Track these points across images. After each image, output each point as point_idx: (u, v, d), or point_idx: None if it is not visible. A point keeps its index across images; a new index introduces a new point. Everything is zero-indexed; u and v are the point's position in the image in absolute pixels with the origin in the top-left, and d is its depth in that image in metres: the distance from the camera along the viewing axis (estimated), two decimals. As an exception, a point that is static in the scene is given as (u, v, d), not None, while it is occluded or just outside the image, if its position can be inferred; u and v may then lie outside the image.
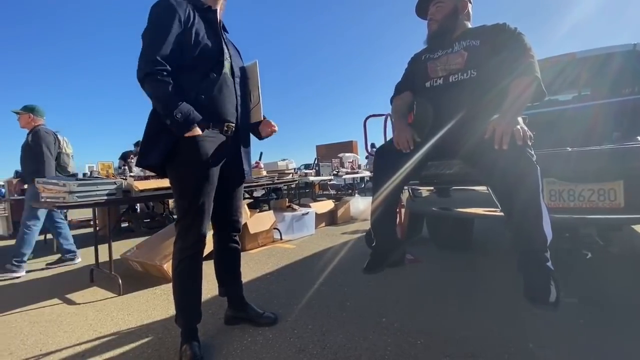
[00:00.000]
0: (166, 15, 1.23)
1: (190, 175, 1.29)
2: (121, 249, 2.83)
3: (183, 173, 1.30)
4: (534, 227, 1.11)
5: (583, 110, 2.71)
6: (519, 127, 1.14)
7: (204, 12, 1.35)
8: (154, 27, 1.24)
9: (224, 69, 1.34)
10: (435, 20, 1.53)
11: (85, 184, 2.06)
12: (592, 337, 1.34)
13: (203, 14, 1.34)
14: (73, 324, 1.76)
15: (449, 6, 1.50)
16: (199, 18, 1.31)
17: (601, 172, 1.48)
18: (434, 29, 1.53)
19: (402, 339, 1.41)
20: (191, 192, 1.30)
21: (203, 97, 1.28)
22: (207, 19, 1.35)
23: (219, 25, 1.38)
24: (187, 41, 1.25)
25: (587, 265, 2.03)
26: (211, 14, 1.36)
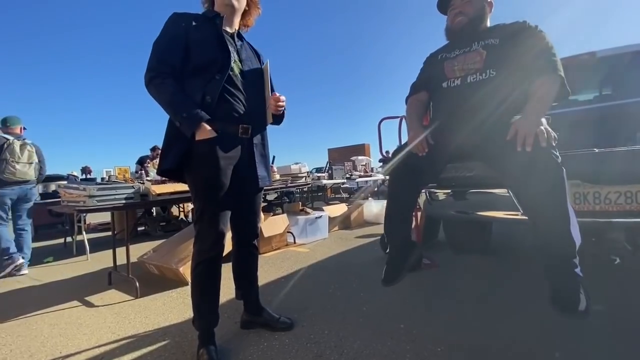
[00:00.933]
0: (171, 25, 1.32)
1: (203, 178, 1.30)
2: (138, 252, 2.87)
3: (196, 176, 1.32)
4: (562, 232, 1.07)
5: (605, 111, 2.62)
6: (542, 128, 1.10)
7: (211, 20, 1.38)
8: (159, 38, 1.31)
9: (230, 71, 1.34)
10: (466, 15, 1.46)
11: (104, 188, 2.11)
12: (620, 347, 1.28)
13: (210, 22, 1.37)
14: (92, 327, 1.79)
15: (479, 2, 1.46)
16: (205, 26, 1.35)
17: (628, 174, 1.42)
18: (464, 22, 1.46)
19: (422, 346, 1.38)
20: (205, 195, 1.31)
21: (209, 99, 1.29)
22: (215, 25, 1.37)
23: (222, 32, 1.38)
24: (192, 48, 1.30)
25: (614, 271, 1.95)
26: (218, 20, 1.38)
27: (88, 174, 7.05)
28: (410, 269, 1.51)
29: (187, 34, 1.30)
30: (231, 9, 1.40)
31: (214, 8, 1.42)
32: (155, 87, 1.26)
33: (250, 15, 1.51)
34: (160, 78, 1.25)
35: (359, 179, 5.88)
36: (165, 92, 1.26)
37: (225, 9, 1.39)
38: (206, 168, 1.30)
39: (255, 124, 1.44)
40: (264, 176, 1.49)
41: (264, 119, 1.50)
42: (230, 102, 1.35)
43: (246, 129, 1.40)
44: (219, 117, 1.30)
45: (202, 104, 1.28)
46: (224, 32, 1.38)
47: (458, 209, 1.93)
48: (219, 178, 1.31)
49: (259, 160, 1.47)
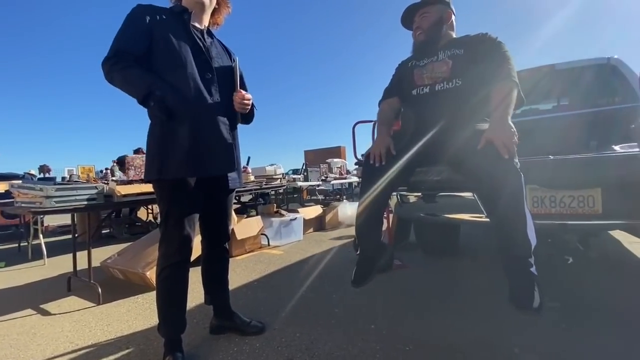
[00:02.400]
0: (134, 16, 1.25)
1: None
2: (102, 256, 2.73)
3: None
4: (519, 233, 1.13)
5: (561, 120, 2.81)
6: (515, 138, 1.15)
7: (179, 15, 1.33)
8: (120, 29, 1.24)
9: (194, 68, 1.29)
10: (422, 30, 1.56)
11: (63, 188, 1.99)
12: (574, 341, 1.37)
13: (178, 17, 1.32)
14: (47, 336, 1.68)
15: (434, 16, 1.54)
16: (172, 20, 1.30)
17: (581, 180, 1.53)
18: (421, 38, 1.56)
19: (391, 345, 1.41)
20: (170, 197, 1.27)
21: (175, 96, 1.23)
22: (182, 21, 1.33)
23: (190, 28, 1.34)
24: (158, 43, 1.25)
25: (568, 270, 2.09)
26: (186, 16, 1.34)
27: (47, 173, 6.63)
28: (380, 270, 1.54)
29: (151, 27, 1.24)
30: (201, 5, 1.36)
31: (182, 3, 1.37)
32: (119, 71, 1.18)
33: (220, 14, 1.48)
34: (122, 63, 1.18)
35: (334, 181, 5.93)
36: (132, 74, 1.19)
37: (195, 6, 1.35)
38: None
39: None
40: (234, 178, 1.45)
41: (234, 118, 1.45)
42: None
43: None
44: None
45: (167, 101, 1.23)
46: (193, 29, 1.34)
47: (428, 211, 2.00)
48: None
49: None
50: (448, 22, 1.56)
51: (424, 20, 1.56)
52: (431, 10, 1.55)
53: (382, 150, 1.41)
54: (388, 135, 1.52)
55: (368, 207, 1.42)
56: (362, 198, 1.47)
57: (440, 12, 1.55)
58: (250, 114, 1.51)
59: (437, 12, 1.55)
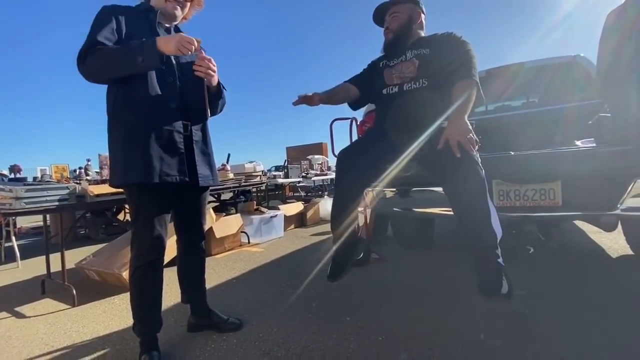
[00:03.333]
0: (101, 17, 1.24)
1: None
2: (77, 258, 2.67)
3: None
4: (483, 226, 1.19)
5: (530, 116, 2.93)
6: (471, 135, 1.21)
7: (145, 13, 1.33)
8: (90, 29, 1.22)
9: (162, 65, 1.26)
10: (391, 30, 1.59)
11: (34, 189, 1.94)
12: (537, 326, 1.46)
13: (144, 16, 1.32)
14: (22, 339, 1.65)
15: (403, 16, 1.57)
16: (138, 20, 1.30)
17: (542, 174, 1.62)
18: (390, 38, 1.60)
19: (365, 336, 1.46)
20: (138, 197, 1.27)
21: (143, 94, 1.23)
22: (148, 19, 1.32)
23: (158, 25, 1.34)
24: (124, 39, 1.24)
25: (530, 259, 2.20)
26: (152, 15, 1.33)
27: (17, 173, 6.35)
28: (357, 264, 1.59)
29: (118, 25, 1.24)
30: (172, 16, 1.37)
31: (152, 3, 1.36)
32: (95, 54, 1.16)
33: (191, 8, 1.46)
34: (93, 48, 1.16)
35: (315, 178, 5.96)
36: (108, 50, 1.17)
37: (166, 6, 1.35)
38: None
39: (193, 119, 1.39)
40: (206, 175, 1.43)
41: (203, 113, 1.42)
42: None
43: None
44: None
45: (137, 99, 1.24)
46: (159, 27, 1.34)
47: (403, 206, 2.06)
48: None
49: (200, 159, 1.41)
50: (417, 21, 1.60)
51: (394, 20, 1.59)
52: (401, 10, 1.58)
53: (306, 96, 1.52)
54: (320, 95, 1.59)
55: (340, 204, 1.46)
56: (334, 195, 1.51)
57: (410, 11, 1.58)
58: (218, 97, 1.48)
59: (406, 11, 1.58)
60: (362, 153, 1.45)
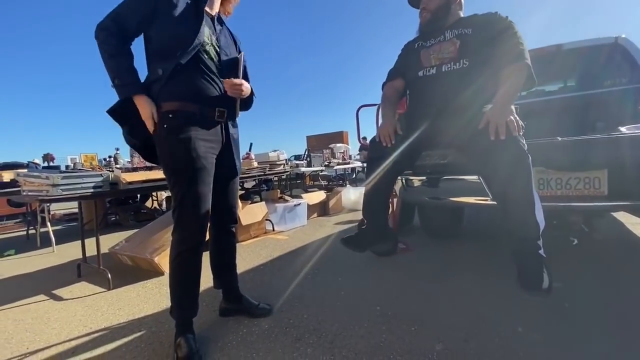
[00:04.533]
0: None
1: (182, 158, 1.25)
2: (109, 243, 2.77)
3: (173, 156, 1.26)
4: (527, 216, 1.13)
5: (568, 101, 2.77)
6: (512, 117, 1.15)
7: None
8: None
9: (204, 55, 1.29)
10: (428, 10, 1.52)
11: (69, 176, 2.00)
12: (576, 320, 1.39)
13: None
14: (61, 320, 1.72)
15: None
16: (186, 2, 1.28)
17: (587, 161, 1.52)
18: (427, 18, 1.53)
19: (397, 326, 1.44)
20: (186, 177, 1.26)
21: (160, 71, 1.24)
22: (196, 4, 1.31)
23: (203, 10, 1.32)
24: (161, 20, 1.23)
25: (573, 251, 2.10)
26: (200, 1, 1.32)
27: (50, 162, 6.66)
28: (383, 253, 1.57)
29: (157, 7, 1.23)
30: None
31: None
32: (100, 43, 1.21)
33: (229, 2, 1.46)
34: (105, 33, 1.21)
35: (337, 167, 5.92)
36: (104, 52, 1.21)
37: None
38: (185, 147, 1.24)
39: (230, 109, 1.41)
40: (239, 165, 1.49)
41: (234, 107, 1.46)
42: (206, 85, 1.30)
43: (222, 112, 1.37)
44: (195, 99, 1.27)
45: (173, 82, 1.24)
46: (205, 13, 1.32)
47: (432, 195, 2.00)
48: (200, 159, 1.26)
49: (235, 150, 1.47)
50: (456, 1, 1.52)
51: (431, 1, 1.52)
52: None
53: (389, 131, 1.41)
54: (393, 117, 1.51)
55: (375, 190, 1.42)
56: (368, 181, 1.47)
57: None
58: (249, 101, 1.52)
59: None
60: (397, 139, 1.41)
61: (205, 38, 1.30)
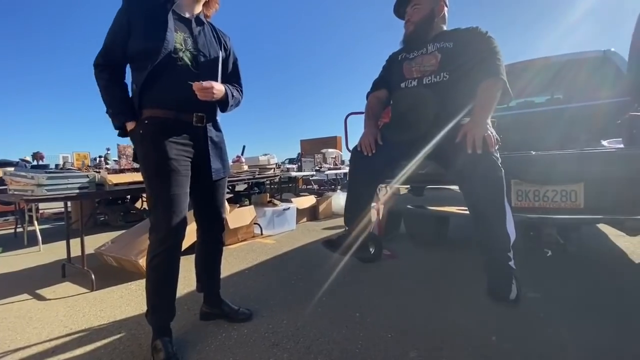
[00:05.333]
0: (116, 17, 1.30)
1: (154, 162, 1.28)
2: (96, 243, 2.76)
3: (147, 160, 1.30)
4: (498, 228, 1.16)
5: (554, 113, 2.82)
6: (489, 132, 1.18)
7: (163, 4, 1.32)
8: (112, 24, 1.31)
9: (178, 61, 1.29)
10: (412, 22, 1.55)
11: (55, 177, 2.00)
12: (551, 329, 1.42)
13: (161, 6, 1.31)
14: (43, 320, 1.72)
15: (425, 8, 1.53)
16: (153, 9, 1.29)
17: (564, 175, 1.56)
18: (410, 30, 1.56)
19: (374, 333, 1.46)
20: (158, 180, 1.28)
21: (134, 87, 1.31)
22: (164, 10, 1.31)
23: (178, 15, 1.34)
24: (137, 34, 1.27)
25: (548, 263, 2.14)
26: (169, 5, 1.32)
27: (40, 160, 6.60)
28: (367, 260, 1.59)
29: (129, 21, 1.26)
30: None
31: None
32: (96, 79, 1.33)
33: (210, 7, 1.47)
34: (99, 69, 1.32)
35: (328, 171, 5.95)
36: (99, 86, 1.33)
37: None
38: (156, 151, 1.27)
39: (208, 112, 1.40)
40: (218, 168, 1.46)
41: (213, 109, 1.44)
42: (181, 91, 1.29)
43: (200, 117, 1.37)
44: (170, 106, 1.29)
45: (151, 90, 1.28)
46: (179, 16, 1.34)
47: (417, 203, 2.03)
48: (171, 162, 1.27)
49: (213, 153, 1.44)
50: (440, 15, 1.56)
51: (415, 12, 1.55)
52: (423, 2, 1.54)
53: (370, 140, 1.44)
54: (375, 127, 1.54)
55: (355, 198, 1.45)
56: (348, 190, 1.50)
57: (432, 4, 1.54)
58: (224, 103, 1.46)
59: (429, 3, 1.54)
60: (377, 149, 1.44)
61: (178, 44, 1.30)
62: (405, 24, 1.61)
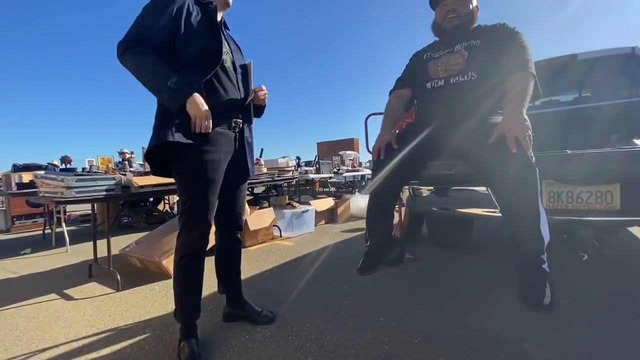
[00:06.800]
0: (162, 2, 1.23)
1: (196, 171, 1.27)
2: (120, 245, 2.83)
3: (188, 169, 1.28)
4: (532, 230, 1.11)
5: (583, 112, 2.71)
6: (529, 132, 1.12)
7: (204, 5, 1.35)
8: (146, 9, 1.23)
9: (224, 63, 1.33)
10: (459, 15, 1.48)
11: (83, 179, 2.06)
12: (585, 337, 1.35)
13: (203, 8, 1.34)
14: (70, 320, 1.76)
15: (470, 4, 1.49)
16: (198, 12, 1.31)
17: (599, 175, 1.48)
18: (456, 22, 1.48)
19: (400, 338, 1.42)
20: (196, 187, 1.29)
21: (205, 91, 1.25)
22: (207, 12, 1.34)
23: (217, 19, 1.36)
24: (184, 34, 1.24)
25: (583, 267, 2.04)
26: (210, 7, 1.35)
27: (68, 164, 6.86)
28: (391, 263, 1.55)
29: (178, 14, 1.23)
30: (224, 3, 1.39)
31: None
32: (134, 56, 1.16)
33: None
34: (139, 47, 1.17)
35: (346, 173, 5.92)
36: (146, 62, 1.17)
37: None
38: (198, 161, 1.25)
39: (245, 116, 1.43)
40: (250, 169, 1.50)
41: (250, 112, 1.48)
42: (222, 95, 1.32)
43: (239, 123, 1.39)
44: (212, 109, 1.26)
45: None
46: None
47: (440, 205, 1.98)
48: (212, 172, 1.29)
49: (248, 155, 1.48)
50: (478, 12, 1.52)
51: (462, 4, 1.47)
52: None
53: (381, 145, 1.41)
54: (390, 130, 1.50)
55: (377, 201, 1.42)
56: (371, 191, 1.47)
57: (475, 1, 1.51)
58: (263, 108, 1.55)
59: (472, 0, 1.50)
60: (401, 149, 1.40)
61: (224, 48, 1.33)
62: (445, 14, 1.51)
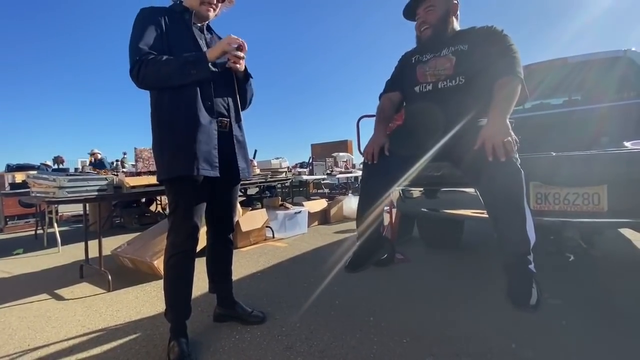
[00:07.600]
0: (143, 20, 1.29)
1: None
2: (112, 245, 2.82)
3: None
4: (518, 231, 1.13)
5: (573, 115, 2.75)
6: (509, 138, 1.14)
7: (180, 14, 1.37)
8: (134, 35, 1.27)
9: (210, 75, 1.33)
10: (429, 25, 1.51)
11: (75, 179, 2.05)
12: (573, 338, 1.37)
13: (179, 16, 1.36)
14: (61, 320, 1.76)
15: (440, 9, 1.49)
16: (174, 21, 1.34)
17: (586, 177, 1.51)
18: (428, 34, 1.51)
19: (389, 337, 1.43)
20: (179, 188, 1.31)
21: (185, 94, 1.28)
22: (183, 20, 1.36)
23: (193, 25, 1.38)
24: (165, 45, 1.29)
25: (570, 267, 2.07)
26: (187, 16, 1.37)
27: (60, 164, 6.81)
28: (380, 264, 1.56)
29: (161, 27, 1.29)
30: (206, 9, 1.39)
31: (184, 3, 1.39)
32: (147, 66, 1.22)
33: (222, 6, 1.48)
34: (147, 58, 1.22)
35: (339, 175, 5.93)
36: (160, 61, 1.23)
37: (200, 8, 1.38)
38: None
39: (231, 115, 1.44)
40: (243, 168, 1.48)
41: (238, 109, 1.48)
42: (209, 98, 1.33)
43: (226, 123, 1.40)
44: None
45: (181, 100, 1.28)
46: (194, 27, 1.38)
47: (430, 206, 2.00)
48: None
49: (239, 153, 1.46)
50: (455, 14, 1.53)
51: (430, 14, 1.50)
52: (436, 3, 1.51)
53: (375, 149, 1.42)
54: (384, 134, 1.50)
55: (366, 202, 1.43)
56: (360, 192, 1.49)
57: (447, 4, 1.51)
58: (244, 90, 1.51)
59: (443, 4, 1.50)
60: (391, 151, 1.41)
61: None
62: (418, 27, 1.57)
